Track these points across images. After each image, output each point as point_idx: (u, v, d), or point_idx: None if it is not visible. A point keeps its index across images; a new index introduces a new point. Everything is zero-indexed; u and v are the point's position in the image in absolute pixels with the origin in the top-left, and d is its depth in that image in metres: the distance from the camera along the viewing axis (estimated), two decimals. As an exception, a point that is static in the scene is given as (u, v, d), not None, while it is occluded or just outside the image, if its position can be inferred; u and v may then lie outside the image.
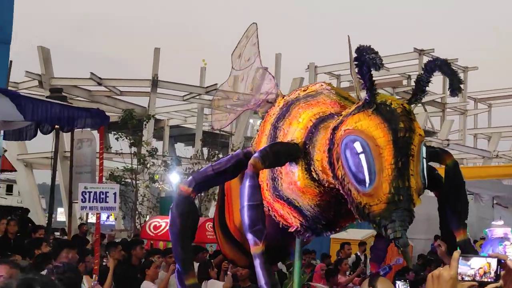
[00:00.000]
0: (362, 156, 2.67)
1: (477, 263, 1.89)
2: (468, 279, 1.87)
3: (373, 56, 2.67)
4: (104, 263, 8.48)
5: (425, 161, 2.76)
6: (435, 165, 3.44)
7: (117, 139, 18.73)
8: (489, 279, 1.87)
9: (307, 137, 3.19)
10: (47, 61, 24.18)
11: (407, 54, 28.28)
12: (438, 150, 3.49)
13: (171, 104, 27.83)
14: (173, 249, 3.79)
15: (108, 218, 19.46)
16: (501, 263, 1.88)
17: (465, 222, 3.41)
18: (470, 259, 1.89)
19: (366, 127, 2.70)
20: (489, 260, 1.88)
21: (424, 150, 2.76)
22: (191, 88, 25.71)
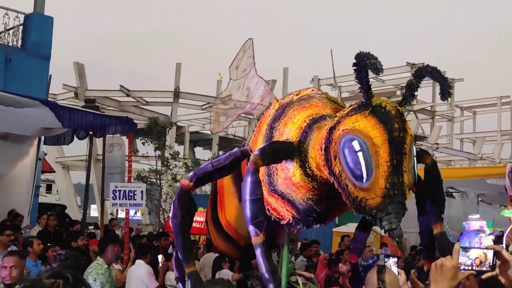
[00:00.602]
0: (360, 153, 2.61)
1: (474, 254, 1.88)
2: (466, 268, 1.87)
3: (373, 61, 2.62)
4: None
5: (415, 159, 2.71)
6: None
7: (143, 143, 18.79)
8: (485, 268, 1.87)
9: (302, 137, 3.12)
10: (82, 75, 24.34)
11: (400, 67, 28.15)
12: (419, 150, 3.42)
13: (191, 112, 27.83)
14: (174, 239, 3.69)
15: (135, 213, 19.61)
16: (497, 254, 1.88)
17: (442, 216, 3.35)
18: (469, 250, 1.89)
19: (363, 127, 2.64)
20: (485, 251, 1.88)
21: (414, 149, 2.71)
22: (209, 98, 25.69)
